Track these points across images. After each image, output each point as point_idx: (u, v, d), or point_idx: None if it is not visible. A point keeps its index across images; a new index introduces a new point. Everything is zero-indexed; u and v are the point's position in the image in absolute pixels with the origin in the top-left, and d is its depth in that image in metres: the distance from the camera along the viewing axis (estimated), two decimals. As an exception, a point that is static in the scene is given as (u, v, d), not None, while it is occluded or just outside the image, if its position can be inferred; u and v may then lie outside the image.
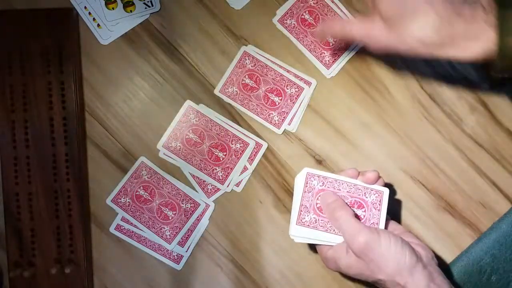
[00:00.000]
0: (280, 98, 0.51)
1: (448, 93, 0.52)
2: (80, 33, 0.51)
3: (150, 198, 0.50)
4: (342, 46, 0.52)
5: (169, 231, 0.50)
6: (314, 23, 0.52)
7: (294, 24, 0.51)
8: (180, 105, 0.51)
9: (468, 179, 0.52)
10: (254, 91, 0.51)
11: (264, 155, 0.51)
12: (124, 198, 0.50)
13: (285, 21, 0.52)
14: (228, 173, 0.51)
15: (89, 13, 0.50)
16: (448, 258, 0.52)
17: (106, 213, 0.50)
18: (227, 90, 0.51)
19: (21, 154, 0.49)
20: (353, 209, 0.44)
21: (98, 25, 0.51)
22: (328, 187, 0.44)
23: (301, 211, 0.44)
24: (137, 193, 0.50)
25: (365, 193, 0.45)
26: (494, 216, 0.52)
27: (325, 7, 0.51)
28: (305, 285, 0.51)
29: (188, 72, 0.51)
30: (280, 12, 0.52)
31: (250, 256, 0.51)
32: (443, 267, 0.51)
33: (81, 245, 0.49)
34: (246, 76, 0.51)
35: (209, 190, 0.51)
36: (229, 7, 0.52)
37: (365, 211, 0.44)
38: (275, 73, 0.51)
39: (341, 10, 0.51)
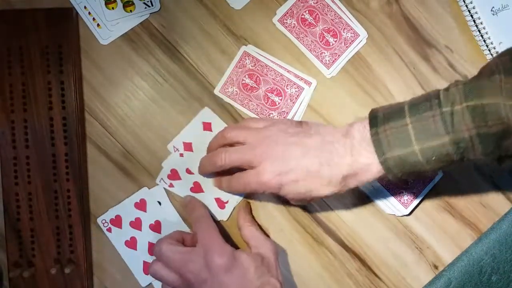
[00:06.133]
0: (280, 98, 0.51)
1: (448, 93, 0.52)
2: (80, 33, 0.51)
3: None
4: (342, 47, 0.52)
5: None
6: (314, 23, 0.51)
7: (294, 24, 0.51)
8: (180, 105, 0.51)
9: (468, 179, 0.52)
10: (254, 91, 0.51)
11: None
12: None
13: (285, 21, 0.52)
14: None
15: (89, 13, 0.50)
16: (448, 258, 0.52)
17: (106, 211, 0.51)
18: (227, 90, 0.51)
19: (21, 154, 0.49)
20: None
21: (98, 25, 0.50)
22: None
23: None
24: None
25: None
26: (494, 216, 0.52)
27: (326, 7, 0.51)
28: (305, 285, 0.51)
29: (188, 72, 0.51)
30: (280, 12, 0.51)
31: (250, 256, 0.51)
32: (443, 267, 0.52)
33: (81, 245, 0.49)
34: (246, 76, 0.51)
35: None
36: (229, 7, 0.52)
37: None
38: (275, 73, 0.51)
39: (342, 10, 0.51)
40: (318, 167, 0.42)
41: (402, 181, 0.42)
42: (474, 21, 0.51)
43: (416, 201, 0.50)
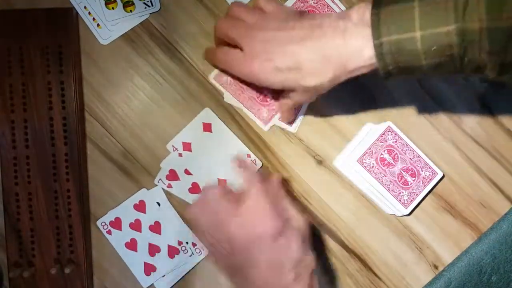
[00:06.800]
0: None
1: (448, 93, 0.52)
2: (80, 33, 0.51)
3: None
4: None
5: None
6: (314, 23, 0.51)
7: (294, 24, 0.51)
8: (180, 105, 0.51)
9: (468, 179, 0.52)
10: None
11: (263, 155, 0.51)
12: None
13: (285, 21, 0.51)
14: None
15: (89, 13, 0.50)
16: (448, 258, 0.52)
17: (106, 213, 0.51)
18: (222, 79, 0.51)
19: (21, 154, 0.49)
20: (405, 173, 0.49)
21: (98, 24, 0.50)
22: (398, 146, 0.49)
23: (366, 153, 0.49)
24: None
25: (423, 167, 0.50)
26: (494, 216, 0.52)
27: (325, 7, 0.51)
28: (305, 285, 0.51)
29: (188, 72, 0.51)
30: (280, 12, 0.51)
31: (250, 256, 0.51)
32: (443, 267, 0.52)
33: (81, 245, 0.49)
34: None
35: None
36: (229, 7, 0.52)
37: (414, 180, 0.50)
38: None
39: (342, 10, 0.51)
40: (305, 54, 0.40)
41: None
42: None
43: (416, 201, 0.50)
